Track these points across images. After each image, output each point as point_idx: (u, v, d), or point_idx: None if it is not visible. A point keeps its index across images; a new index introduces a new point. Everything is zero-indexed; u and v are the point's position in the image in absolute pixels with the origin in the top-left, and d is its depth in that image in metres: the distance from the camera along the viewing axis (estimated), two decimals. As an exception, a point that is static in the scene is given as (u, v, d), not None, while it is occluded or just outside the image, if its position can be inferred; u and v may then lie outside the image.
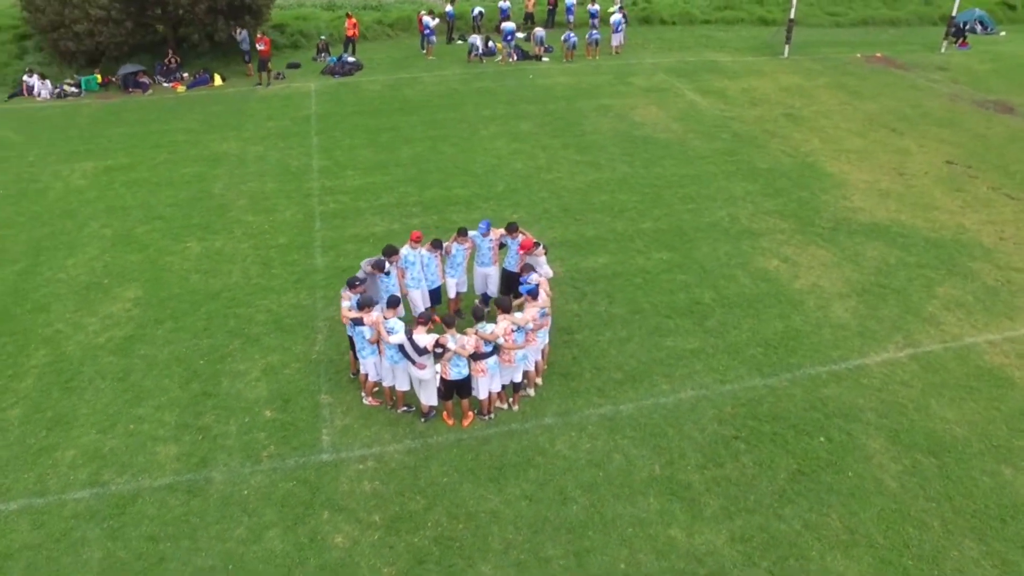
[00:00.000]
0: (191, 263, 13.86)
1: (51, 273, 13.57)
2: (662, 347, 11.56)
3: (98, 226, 15.21)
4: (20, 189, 16.88)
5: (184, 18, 23.38)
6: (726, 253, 14.08)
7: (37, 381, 10.93)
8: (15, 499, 9.03)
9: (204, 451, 9.69)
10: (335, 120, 20.89)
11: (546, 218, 15.36)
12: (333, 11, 31.12)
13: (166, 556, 8.32)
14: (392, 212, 15.66)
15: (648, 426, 10.04)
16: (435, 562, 8.23)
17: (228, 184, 17.02)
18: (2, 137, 19.96)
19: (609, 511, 8.82)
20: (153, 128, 20.46)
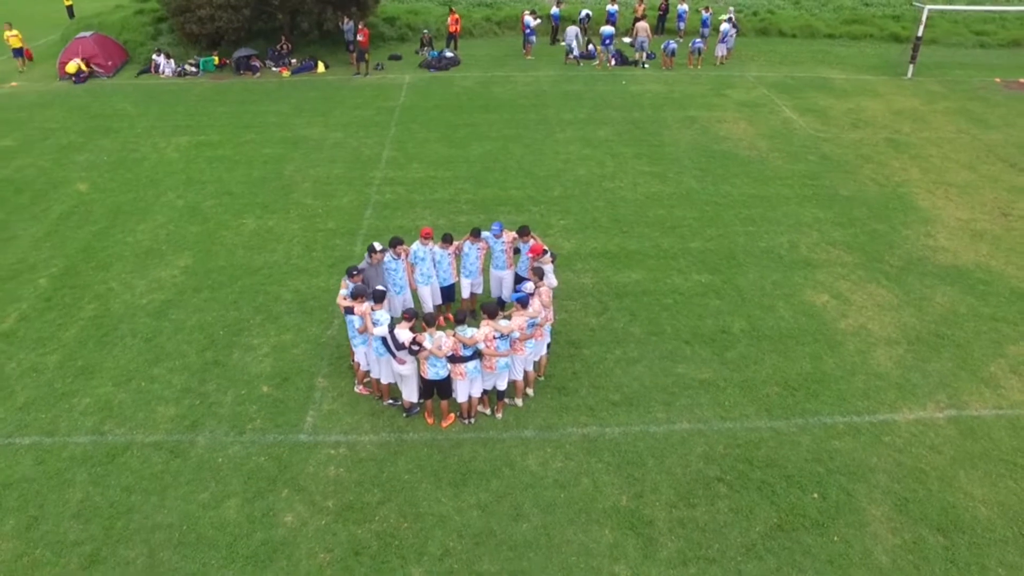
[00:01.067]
0: (242, 239, 14.64)
1: (122, 236, 14.78)
2: (671, 373, 10.97)
3: (174, 196, 16.40)
4: (121, 157, 18.49)
5: (297, 7, 24.70)
6: (772, 282, 13.15)
7: (79, 332, 11.93)
8: (29, 435, 9.90)
9: (197, 415, 10.21)
10: (418, 113, 21.37)
11: (593, 227, 14.97)
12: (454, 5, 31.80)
13: (133, 508, 8.84)
14: (443, 208, 15.81)
15: (629, 453, 9.56)
16: (371, 556, 8.24)
17: (299, 167, 17.83)
18: (120, 109, 21.97)
19: (559, 535, 8.48)
20: (249, 109, 21.80)
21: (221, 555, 8.28)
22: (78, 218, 15.47)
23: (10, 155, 18.71)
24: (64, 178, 17.34)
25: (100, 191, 16.70)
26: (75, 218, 15.48)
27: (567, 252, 14.07)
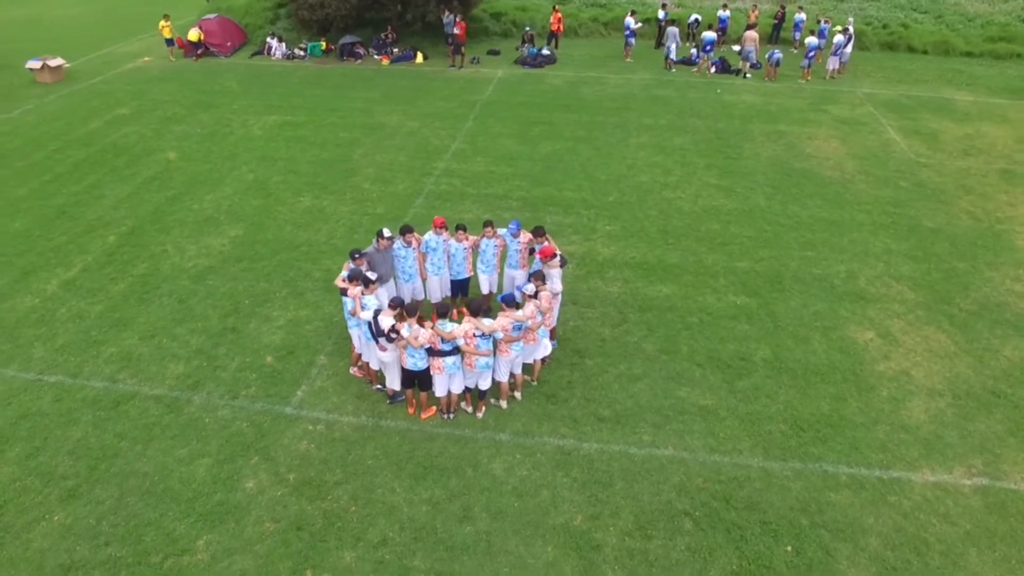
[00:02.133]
0: (294, 216, 15.25)
1: (189, 203, 15.81)
2: (671, 395, 10.36)
3: (246, 171, 17.35)
4: (213, 131, 19.79)
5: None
6: (814, 312, 12.11)
7: (126, 287, 12.88)
8: (56, 375, 10.80)
9: (201, 376, 10.74)
10: (499, 108, 21.41)
11: (638, 236, 14.40)
12: (565, 3, 31.64)
13: (119, 453, 9.43)
14: (492, 203, 15.76)
15: (599, 472, 9.12)
16: (311, 532, 8.35)
17: (367, 152, 18.35)
18: (226, 86, 23.51)
19: (499, 544, 8.22)
20: (341, 93, 22.68)
21: (180, 509, 8.67)
22: (159, 184, 16.71)
23: (123, 122, 20.49)
24: (159, 146, 18.78)
25: (185, 160, 17.95)
26: (156, 183, 16.73)
27: (603, 259, 13.62)
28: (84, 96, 22.74)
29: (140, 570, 7.98)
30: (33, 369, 10.90)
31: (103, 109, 21.42)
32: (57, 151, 18.43)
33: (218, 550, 8.19)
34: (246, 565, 8.02)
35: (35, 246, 14.15)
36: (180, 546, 8.23)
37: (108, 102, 22.02)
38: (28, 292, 12.72)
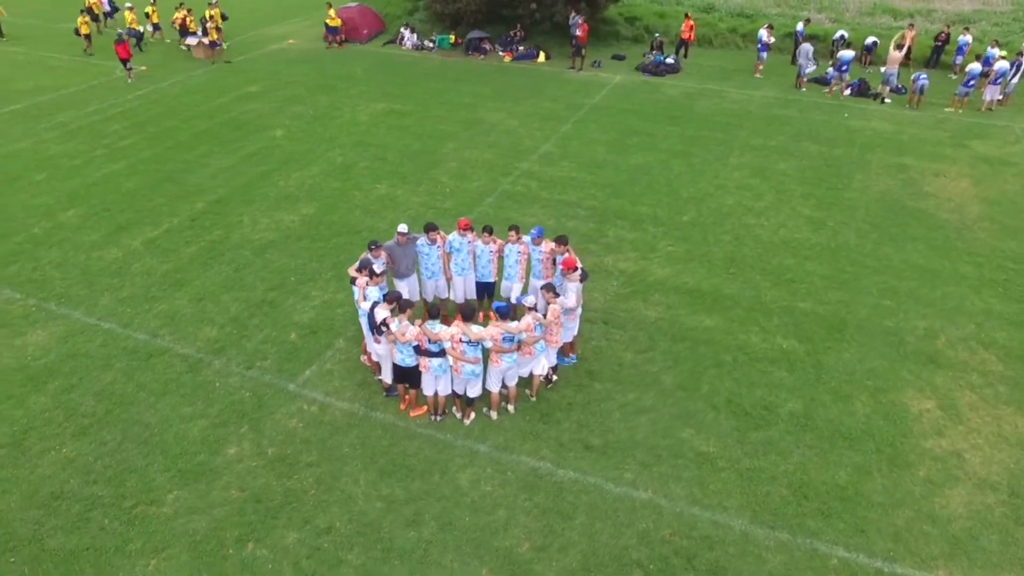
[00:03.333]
0: (366, 202, 15.75)
1: (277, 179, 16.78)
2: (672, 435, 9.63)
3: (338, 154, 18.13)
4: (324, 114, 20.87)
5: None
6: (870, 370, 10.79)
7: (195, 252, 13.89)
8: (111, 322, 11.87)
9: (227, 342, 11.37)
10: (604, 114, 20.89)
11: (699, 261, 13.52)
12: (708, 12, 30.39)
13: (135, 402, 10.21)
14: (560, 209, 15.42)
15: (564, 503, 8.66)
16: (267, 507, 8.59)
17: (457, 147, 18.57)
18: (351, 72, 24.67)
19: (435, 556, 8.04)
20: (454, 87, 23.10)
21: (165, 462, 9.23)
22: (258, 159, 17.87)
23: (250, 99, 22.13)
24: (271, 124, 20.09)
25: (289, 139, 19.07)
26: (256, 158, 17.90)
27: (653, 280, 12.92)
28: (225, 72, 24.79)
29: (111, 511, 8.58)
30: (95, 314, 12.04)
31: (236, 86, 23.24)
32: (184, 121, 20.24)
33: (182, 507, 8.63)
34: (200, 526, 8.39)
35: (137, 205, 15.62)
36: (152, 496, 8.77)
37: (243, 80, 23.86)
38: (116, 245, 14.06)
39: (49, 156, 18.03)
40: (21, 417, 9.95)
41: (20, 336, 11.56)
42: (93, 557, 8.05)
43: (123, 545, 8.19)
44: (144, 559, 8.03)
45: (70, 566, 7.97)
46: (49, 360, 11.01)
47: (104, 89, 22.97)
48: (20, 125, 20.07)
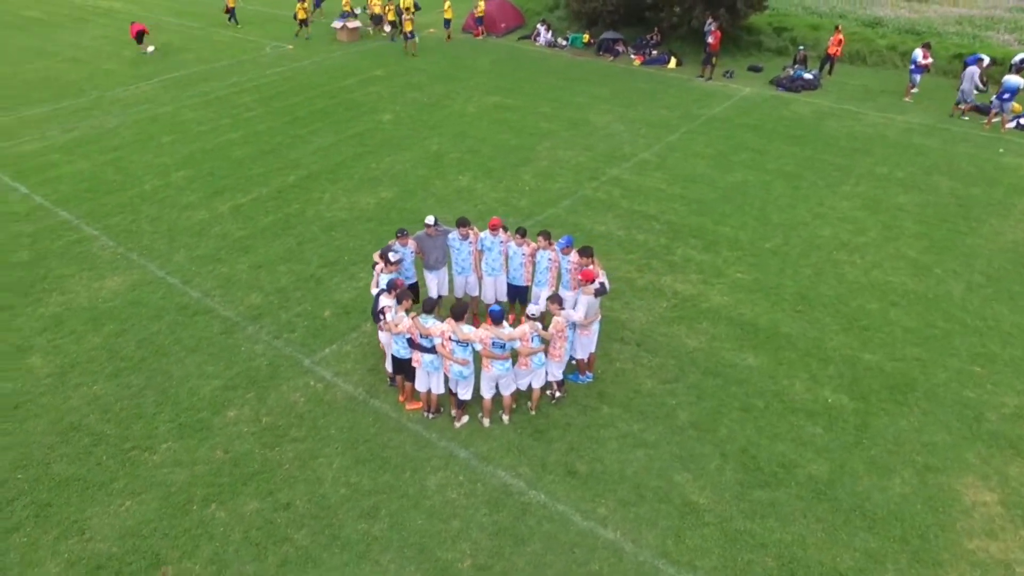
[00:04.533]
0: (445, 192, 15.85)
1: (369, 161, 17.31)
2: (665, 477, 8.85)
3: (434, 143, 18.40)
4: (435, 102, 21.27)
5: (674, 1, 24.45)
6: (925, 443, 9.31)
7: (270, 222, 14.65)
8: (176, 277, 12.80)
9: (265, 311, 11.88)
10: (718, 127, 19.65)
11: (767, 293, 12.33)
12: (872, 27, 27.74)
13: (167, 353, 10.93)
14: (634, 220, 14.68)
15: (523, 526, 8.22)
16: (242, 472, 8.88)
17: (553, 146, 18.22)
18: (476, 64, 24.96)
19: (375, 553, 7.91)
20: (571, 86, 22.69)
21: (171, 413, 9.81)
22: (358, 140, 18.56)
23: (373, 82, 23.04)
24: (383, 108, 20.78)
25: (394, 124, 19.63)
26: (357, 139, 18.60)
27: (707, 306, 11.97)
28: (360, 56, 25.98)
29: (111, 450, 9.22)
30: (165, 268, 13.04)
31: (364, 69, 24.28)
32: (307, 99, 21.44)
33: (170, 458, 9.11)
34: (178, 478, 8.81)
35: (238, 172, 16.75)
36: (149, 443, 9.33)
37: (372, 64, 24.89)
38: (206, 208, 15.15)
39: (182, 121, 19.79)
40: (74, 352, 10.97)
41: (100, 279, 12.74)
42: (80, 488, 8.69)
43: (109, 482, 8.77)
44: (120, 499, 8.55)
45: (60, 492, 8.65)
46: (114, 304, 12.05)
47: (249, 64, 24.88)
48: (171, 92, 22.20)
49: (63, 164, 17.18)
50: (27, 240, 13.95)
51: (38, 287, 12.53)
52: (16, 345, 11.14)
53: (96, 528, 8.20)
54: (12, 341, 11.22)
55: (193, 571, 7.73)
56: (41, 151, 17.94)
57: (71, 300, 12.16)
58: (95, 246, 13.74)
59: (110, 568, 7.77)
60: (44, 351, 10.98)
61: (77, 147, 18.16)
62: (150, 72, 24.27)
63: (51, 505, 8.49)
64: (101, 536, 8.11)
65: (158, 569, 7.75)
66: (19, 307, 12.02)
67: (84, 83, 23.25)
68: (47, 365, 10.69)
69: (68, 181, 16.30)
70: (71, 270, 13.00)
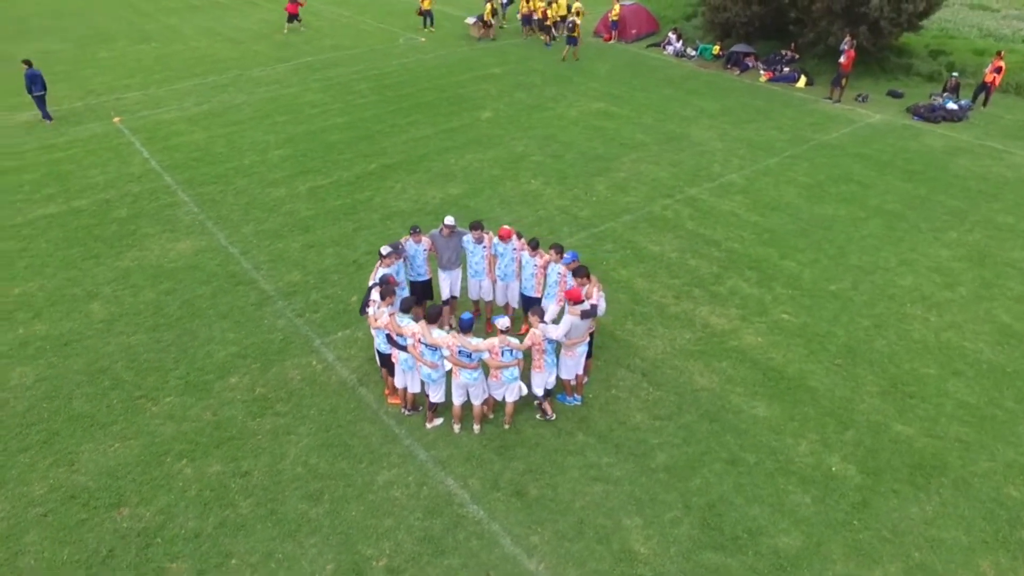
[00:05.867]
0: (512, 194, 15.85)
1: (450, 157, 17.65)
2: (613, 517, 8.37)
3: (520, 144, 18.42)
4: (539, 104, 21.23)
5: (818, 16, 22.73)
6: (932, 538, 8.11)
7: (338, 206, 15.38)
8: (236, 247, 13.79)
9: (300, 289, 12.51)
10: (826, 153, 18.05)
11: (810, 340, 11.25)
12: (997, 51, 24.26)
13: (202, 316, 11.82)
14: (693, 244, 13.89)
15: (450, 539, 8.12)
16: (220, 436, 9.45)
17: (639, 158, 17.62)
18: (593, 69, 24.57)
19: (303, 534, 8.15)
20: (683, 98, 21.76)
21: (183, 371, 10.62)
22: (448, 134, 18.97)
23: (486, 80, 23.42)
24: (486, 105, 21.09)
25: (490, 122, 19.86)
26: (448, 134, 19.02)
27: (733, 346, 11.13)
28: (484, 53, 26.46)
29: (122, 396, 10.16)
30: (231, 239, 14.10)
31: (483, 66, 24.73)
32: (418, 91, 22.21)
33: (166, 412, 9.89)
34: (165, 432, 9.55)
35: (328, 155, 17.72)
36: (155, 395, 10.18)
37: (494, 61, 25.28)
38: (287, 186, 16.17)
39: (299, 103, 21.23)
40: (128, 303, 12.18)
41: (175, 241, 14.02)
42: (85, 425, 9.67)
43: (109, 424, 9.68)
44: (112, 441, 9.41)
45: (70, 425, 9.67)
46: (175, 265, 13.22)
47: (379, 54, 26.16)
48: (300, 75, 23.87)
49: (185, 134, 19.04)
50: (130, 199, 15.63)
51: (124, 242, 14.01)
52: (88, 291, 12.54)
53: (83, 462, 9.09)
54: (86, 286, 12.65)
55: (143, 517, 8.37)
56: (172, 121, 19.99)
57: (143, 257, 13.48)
58: (181, 211, 15.13)
59: (81, 499, 8.59)
60: (105, 299, 12.28)
61: (202, 119, 20.04)
62: (289, 55, 26.23)
63: (59, 435, 9.52)
64: (85, 470, 8.98)
65: (117, 508, 8.47)
66: (103, 257, 13.51)
67: (232, 61, 25.58)
68: (102, 311, 11.95)
69: (183, 149, 18.04)
70: (154, 230, 14.41)
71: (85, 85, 23.32)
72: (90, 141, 18.69)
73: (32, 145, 18.51)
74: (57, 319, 11.77)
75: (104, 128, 19.57)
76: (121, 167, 17.15)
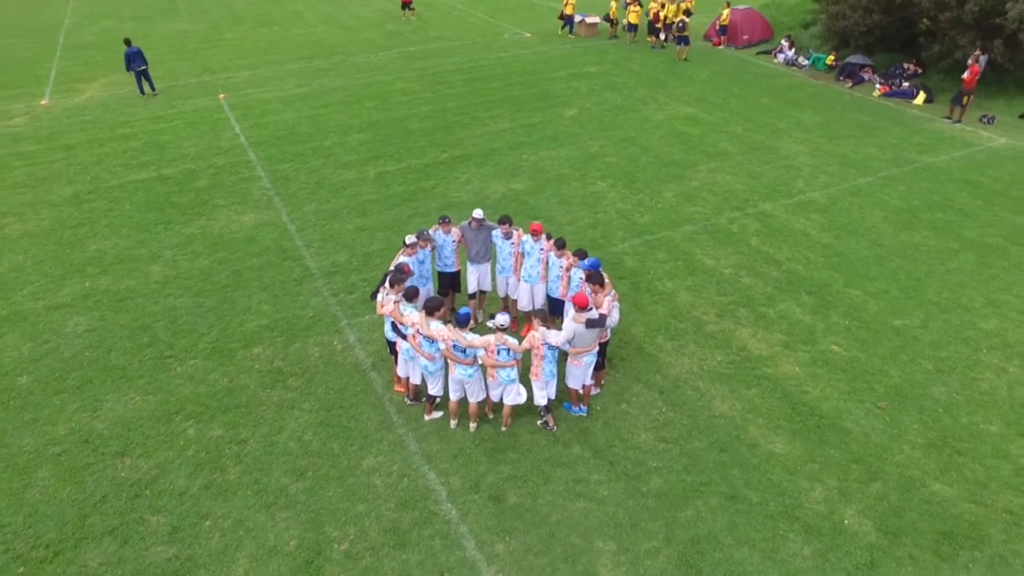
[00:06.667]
0: (576, 194, 15.50)
1: (522, 152, 17.48)
2: (586, 538, 7.94)
3: (597, 144, 17.97)
4: (627, 106, 20.63)
5: (946, 28, 20.73)
6: (938, 614, 7.17)
7: (401, 192, 15.57)
8: (294, 225, 14.28)
9: (342, 269, 12.79)
10: (928, 178, 16.36)
11: (856, 377, 10.25)
12: None
13: (245, 286, 12.31)
14: (751, 261, 13.02)
15: (416, 534, 8.01)
16: (231, 402, 9.81)
17: (719, 168, 16.72)
18: (693, 73, 23.56)
19: (279, 507, 8.29)
20: (781, 109, 20.43)
21: (215, 337, 11.10)
22: (528, 131, 18.81)
23: (580, 78, 23.05)
24: (573, 103, 20.78)
25: (572, 121, 19.52)
26: (527, 130, 18.87)
27: (768, 373, 10.31)
28: (584, 51, 26.05)
29: (153, 353, 10.73)
30: (292, 216, 14.62)
31: (580, 64, 24.35)
32: (508, 85, 22.20)
33: (187, 373, 10.37)
34: (182, 392, 10.01)
35: (405, 142, 18.04)
36: (182, 356, 10.70)
37: (591, 60, 24.83)
38: (358, 170, 16.63)
39: (390, 90, 21.76)
40: (184, 268, 12.89)
41: (241, 214, 14.72)
42: (116, 376, 10.30)
43: (136, 378, 10.27)
44: (134, 394, 9.98)
45: (103, 375, 10.33)
46: (235, 237, 13.87)
47: (480, 47, 26.36)
48: (399, 63, 24.49)
49: (277, 113, 19.97)
50: (213, 171, 16.56)
51: (196, 210, 14.85)
52: (152, 253, 13.38)
53: (104, 411, 9.69)
54: (152, 249, 13.51)
55: (141, 468, 8.80)
56: (270, 100, 21.03)
57: (209, 226, 14.23)
58: (254, 186, 15.86)
59: (92, 444, 9.16)
60: (165, 262, 13.05)
61: (297, 100, 20.95)
62: (394, 44, 26.96)
63: (91, 383, 10.19)
64: (103, 418, 9.57)
65: (121, 457, 8.96)
66: (174, 223, 14.38)
67: (340, 47, 26.61)
68: (159, 274, 12.71)
69: (271, 128, 18.93)
70: (225, 201, 15.18)
71: (205, 63, 25.00)
72: (193, 115, 19.99)
73: (144, 115, 20.03)
74: (119, 276, 12.63)
75: (209, 103, 20.88)
76: (213, 140, 18.22)
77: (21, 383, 10.21)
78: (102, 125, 19.36)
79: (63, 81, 23.48)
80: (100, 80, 23.34)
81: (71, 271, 12.83)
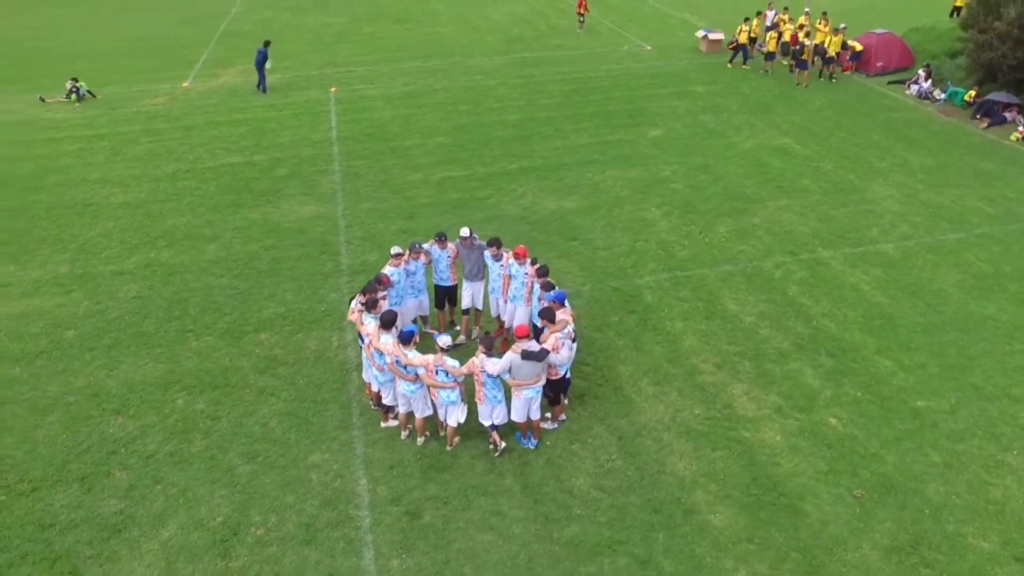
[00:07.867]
0: (621, 217, 15.23)
1: (592, 170, 17.36)
2: (479, 572, 7.98)
3: (667, 168, 17.44)
4: (718, 130, 19.67)
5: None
6: None
7: (454, 199, 16.06)
8: (345, 221, 15.17)
9: (370, 269, 13.34)
10: (1044, 242, 14.39)
11: (842, 457, 9.37)
12: None
13: (278, 275, 13.34)
14: (780, 312, 12.16)
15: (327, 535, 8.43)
16: (223, 382, 10.76)
17: (789, 206, 15.63)
18: (806, 101, 21.74)
19: (218, 486, 9.00)
20: (888, 146, 18.54)
21: (236, 319, 12.18)
22: (603, 149, 18.64)
23: (682, 96, 22.29)
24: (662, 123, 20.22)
25: (653, 142, 19.00)
26: (603, 148, 18.71)
27: (745, 437, 9.70)
28: (699, 69, 25.00)
29: (177, 326, 11.98)
30: (347, 212, 15.61)
31: (688, 82, 23.52)
32: (605, 99, 22.00)
33: (197, 350, 11.47)
34: (187, 365, 11.11)
35: (480, 149, 18.63)
36: (200, 331, 11.86)
37: (703, 78, 23.88)
38: (425, 172, 17.39)
39: (488, 95, 22.38)
40: (235, 250, 14.15)
41: (302, 205, 15.87)
42: (141, 343, 11.62)
43: (156, 346, 11.52)
44: (148, 361, 11.21)
45: (131, 339, 11.69)
46: (288, 226, 15.00)
47: (595, 58, 26.30)
48: (507, 69, 25.05)
49: (375, 110, 21.12)
50: (296, 161, 17.91)
51: (266, 197, 16.18)
52: (215, 233, 14.79)
53: (118, 372, 10.97)
54: (216, 229, 14.92)
55: (127, 428, 9.93)
56: (374, 97, 22.26)
57: (270, 213, 15.47)
58: (325, 179, 16.97)
59: (99, 399, 10.44)
60: (221, 243, 14.39)
61: (396, 99, 22.02)
62: (513, 49, 27.44)
63: (119, 344, 11.57)
64: (116, 377, 10.85)
65: (115, 415, 10.13)
66: (243, 207, 15.78)
67: (459, 48, 27.51)
68: (213, 253, 14.05)
69: (362, 124, 20.07)
70: (295, 191, 16.40)
71: (332, 56, 26.86)
72: (302, 106, 21.63)
73: (260, 103, 21.95)
74: (179, 251, 14.11)
75: (320, 96, 22.49)
76: (308, 132, 19.65)
77: (67, 336, 11.78)
78: (222, 109, 21.47)
79: (208, 66, 26.23)
80: (238, 67, 25.78)
81: (145, 241, 14.50)
